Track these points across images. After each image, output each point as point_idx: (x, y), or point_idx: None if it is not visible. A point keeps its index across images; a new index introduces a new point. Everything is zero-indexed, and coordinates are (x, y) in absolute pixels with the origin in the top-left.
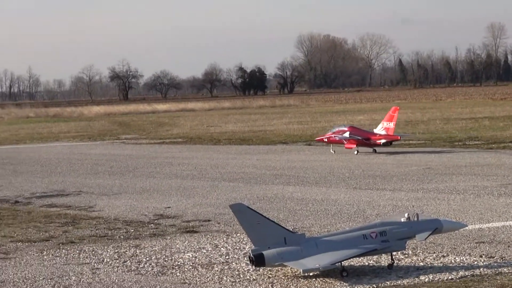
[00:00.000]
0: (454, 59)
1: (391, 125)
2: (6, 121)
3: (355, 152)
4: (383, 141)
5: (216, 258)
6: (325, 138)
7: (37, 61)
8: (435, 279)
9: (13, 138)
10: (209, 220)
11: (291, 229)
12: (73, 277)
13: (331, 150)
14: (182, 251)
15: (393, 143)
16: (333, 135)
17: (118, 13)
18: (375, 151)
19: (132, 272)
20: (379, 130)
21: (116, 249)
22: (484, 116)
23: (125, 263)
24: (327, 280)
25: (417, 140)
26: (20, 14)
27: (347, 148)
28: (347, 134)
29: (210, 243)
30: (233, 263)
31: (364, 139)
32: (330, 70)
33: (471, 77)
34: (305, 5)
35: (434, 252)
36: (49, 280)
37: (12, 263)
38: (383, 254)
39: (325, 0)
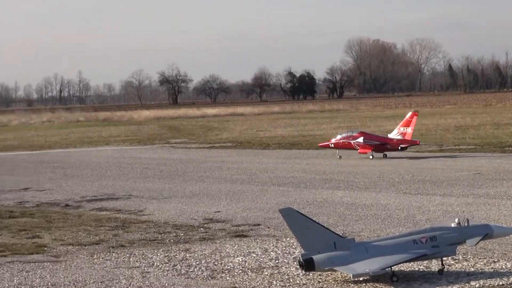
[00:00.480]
0: (504, 64)
1: (409, 130)
2: (56, 125)
3: (370, 157)
4: (402, 145)
5: (266, 263)
6: (331, 144)
7: (87, 66)
8: (486, 284)
9: (64, 142)
10: (258, 225)
11: (340, 234)
12: (123, 281)
13: (337, 156)
14: (231, 255)
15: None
16: (341, 141)
17: (167, 18)
18: (385, 155)
19: (182, 276)
20: (395, 135)
21: (166, 253)
22: None
23: (175, 267)
24: (377, 285)
25: (467, 145)
26: (70, 19)
27: (361, 153)
28: (360, 140)
29: (259, 247)
30: (283, 268)
31: (380, 144)
32: (379, 75)
33: None
34: (354, 9)
35: (485, 258)
36: (99, 283)
37: (63, 266)
38: (433, 260)
39: (373, 4)
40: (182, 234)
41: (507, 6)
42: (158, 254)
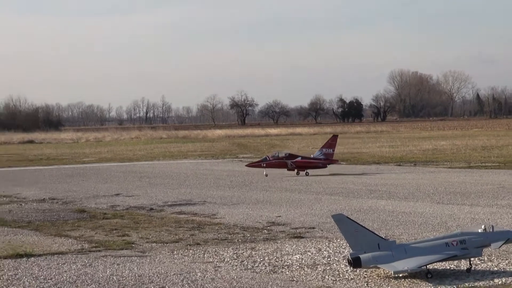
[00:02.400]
0: None
1: (331, 151)
2: (142, 141)
3: (297, 174)
4: (324, 163)
5: (319, 260)
6: (263, 164)
7: (169, 91)
8: (507, 282)
9: (149, 156)
10: (313, 228)
11: (383, 237)
12: (199, 273)
13: (264, 173)
14: (290, 253)
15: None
16: (273, 161)
17: (236, 51)
18: (307, 173)
19: (248, 270)
20: (318, 155)
21: (235, 250)
22: None
23: (242, 263)
24: (414, 280)
25: (492, 162)
26: (155, 52)
27: (289, 170)
28: (289, 160)
29: (314, 247)
30: (334, 265)
31: (306, 162)
32: (417, 102)
33: None
34: (396, 45)
35: (507, 259)
36: (178, 275)
37: (148, 260)
38: (462, 260)
39: (413, 41)
40: (249, 235)
41: None
42: (228, 251)
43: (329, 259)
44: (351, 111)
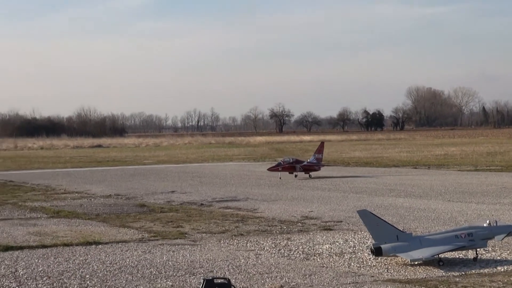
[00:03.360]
0: None
1: (321, 155)
2: (194, 146)
3: (295, 176)
4: (319, 166)
5: (346, 249)
6: (280, 168)
7: (217, 103)
8: (509, 269)
9: (199, 158)
10: (341, 221)
11: (401, 229)
12: (242, 260)
13: (279, 177)
14: (321, 243)
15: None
16: (286, 165)
17: (275, 69)
18: (310, 176)
19: (285, 258)
20: (312, 160)
21: (273, 240)
22: None
23: (279, 251)
24: (427, 267)
25: (496, 166)
26: (207, 69)
27: (290, 173)
28: (298, 164)
29: (341, 238)
30: (359, 253)
31: (310, 166)
32: (431, 113)
33: None
34: (413, 63)
35: (508, 250)
36: (225, 261)
37: (199, 248)
38: (469, 250)
39: (428, 60)
40: (285, 227)
41: None
42: (268, 241)
43: (354, 249)
44: (374, 121)
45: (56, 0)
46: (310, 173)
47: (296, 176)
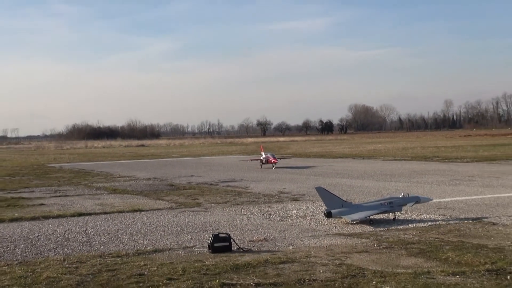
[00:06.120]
0: (426, 116)
1: (263, 155)
2: (206, 145)
3: (273, 168)
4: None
5: (308, 213)
6: (250, 160)
7: (222, 115)
8: (418, 226)
9: (209, 153)
10: (304, 195)
11: (345, 200)
12: (238, 221)
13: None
14: (291, 209)
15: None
16: (270, 158)
17: (261, 92)
18: (273, 167)
19: (267, 219)
20: (264, 157)
21: (259, 208)
22: (442, 146)
23: (263, 215)
24: (362, 226)
25: (408, 157)
26: (214, 90)
27: (270, 163)
28: (272, 158)
29: (305, 206)
30: (316, 216)
31: (272, 160)
32: (365, 122)
33: (438, 125)
34: (353, 87)
35: (416, 213)
36: (226, 222)
37: (209, 213)
38: (390, 213)
39: (364, 86)
40: (267, 199)
41: (436, 79)
42: (255, 208)
43: (313, 213)
44: (327, 127)
45: (120, 46)
46: (273, 165)
47: (261, 166)
